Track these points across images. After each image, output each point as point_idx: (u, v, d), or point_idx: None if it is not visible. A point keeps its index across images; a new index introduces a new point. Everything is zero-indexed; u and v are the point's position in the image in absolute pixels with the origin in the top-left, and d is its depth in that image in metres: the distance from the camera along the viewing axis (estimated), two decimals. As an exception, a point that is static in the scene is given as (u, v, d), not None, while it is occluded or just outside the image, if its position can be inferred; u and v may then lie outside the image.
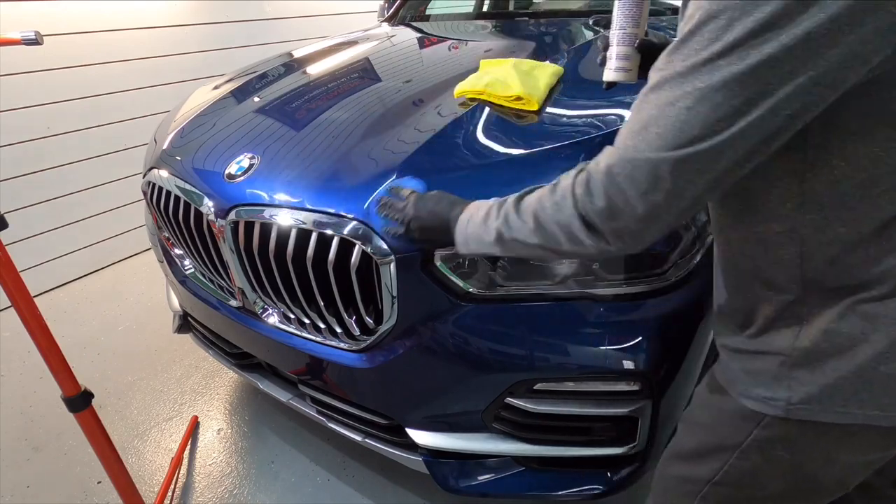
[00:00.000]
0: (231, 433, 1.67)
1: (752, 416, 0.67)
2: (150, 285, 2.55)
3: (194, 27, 2.87)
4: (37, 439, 1.70)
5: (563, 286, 0.95)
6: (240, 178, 1.12)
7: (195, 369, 1.95)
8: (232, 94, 1.56)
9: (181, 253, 1.43)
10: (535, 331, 0.97)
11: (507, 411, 1.04)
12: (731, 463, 0.71)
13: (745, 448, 0.69)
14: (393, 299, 0.98)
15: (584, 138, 1.00)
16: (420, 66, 1.57)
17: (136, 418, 1.75)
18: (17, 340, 2.17)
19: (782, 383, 0.63)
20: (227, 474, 1.53)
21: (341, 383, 1.17)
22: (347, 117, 1.23)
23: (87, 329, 2.25)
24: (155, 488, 1.49)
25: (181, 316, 1.54)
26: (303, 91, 1.45)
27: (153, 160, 1.37)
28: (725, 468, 0.72)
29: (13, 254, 1.05)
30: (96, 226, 2.70)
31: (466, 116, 1.14)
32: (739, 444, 0.69)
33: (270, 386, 1.37)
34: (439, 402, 1.08)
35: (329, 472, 1.51)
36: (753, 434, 0.67)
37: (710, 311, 1.04)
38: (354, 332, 1.08)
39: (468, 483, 1.13)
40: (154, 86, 2.77)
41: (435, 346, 1.01)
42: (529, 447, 1.07)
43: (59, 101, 2.42)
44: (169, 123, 1.53)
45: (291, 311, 1.14)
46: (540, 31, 1.78)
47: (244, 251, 1.11)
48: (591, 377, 0.97)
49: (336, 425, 1.26)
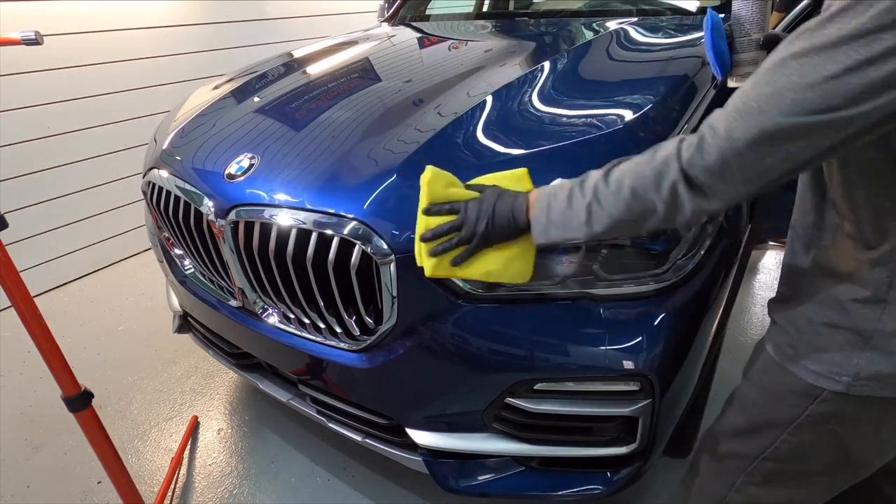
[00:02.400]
0: (231, 433, 1.67)
1: (808, 392, 0.70)
2: (150, 285, 2.55)
3: (194, 27, 2.87)
4: (37, 439, 1.70)
5: (563, 286, 0.95)
6: (240, 178, 1.12)
7: (195, 369, 1.95)
8: (232, 94, 1.56)
9: (181, 253, 1.43)
10: (535, 331, 0.97)
11: (507, 411, 1.04)
12: (782, 438, 0.74)
13: (799, 424, 0.72)
14: (393, 299, 0.98)
15: (585, 138, 1.00)
16: (420, 66, 1.57)
17: (136, 418, 1.75)
18: (17, 340, 2.17)
19: (852, 360, 0.66)
20: (227, 474, 1.53)
21: (341, 383, 1.17)
22: (347, 117, 1.23)
23: (87, 329, 2.25)
24: (155, 488, 1.49)
25: (181, 316, 1.54)
26: (303, 91, 1.45)
27: (153, 160, 1.37)
28: (776, 444, 0.75)
29: (13, 254, 1.05)
30: (96, 226, 2.70)
31: (467, 116, 1.14)
32: (794, 420, 0.72)
33: (270, 386, 1.37)
34: (439, 402, 1.08)
35: (329, 472, 1.51)
36: (809, 410, 0.70)
37: (717, 307, 1.05)
38: (354, 332, 1.08)
39: (468, 483, 1.13)
40: (154, 86, 2.77)
41: (435, 346, 1.01)
42: (529, 447, 1.07)
43: (59, 101, 2.42)
44: (169, 123, 1.53)
45: (291, 311, 1.14)
46: (540, 31, 1.78)
47: (244, 251, 1.11)
48: (591, 377, 0.97)
49: (336, 425, 1.26)
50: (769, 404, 0.76)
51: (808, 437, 0.72)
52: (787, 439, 0.74)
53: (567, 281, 0.95)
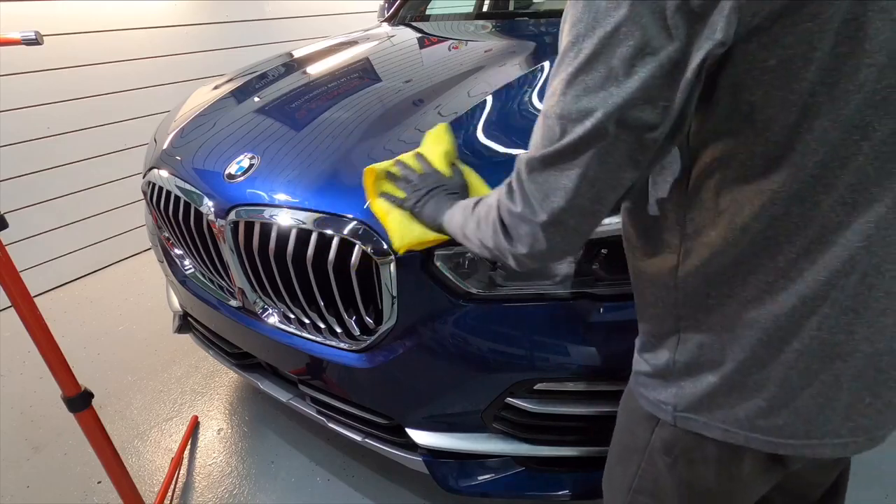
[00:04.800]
0: (231, 433, 1.67)
1: (650, 418, 0.67)
2: (150, 285, 2.55)
3: (194, 27, 2.87)
4: (37, 439, 1.70)
5: (563, 286, 0.95)
6: (240, 178, 1.12)
7: (195, 369, 1.95)
8: (232, 94, 1.56)
9: (181, 253, 1.43)
10: (535, 331, 0.97)
11: (507, 411, 1.04)
12: (642, 467, 0.70)
13: (649, 450, 0.68)
14: (393, 299, 0.98)
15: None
16: (420, 66, 1.57)
17: (136, 418, 1.75)
18: (17, 340, 2.17)
19: (670, 389, 0.62)
20: (227, 474, 1.53)
21: (341, 383, 1.17)
22: (347, 117, 1.23)
23: (87, 329, 2.25)
24: (155, 488, 1.49)
25: (181, 316, 1.54)
26: (303, 91, 1.45)
27: (153, 160, 1.37)
28: (639, 472, 0.71)
29: (13, 254, 1.05)
30: (96, 226, 2.70)
31: (467, 116, 1.14)
32: (645, 446, 0.68)
33: (270, 386, 1.37)
34: (439, 402, 1.08)
35: (329, 472, 1.51)
36: (654, 434, 0.67)
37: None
38: (354, 332, 1.08)
39: (468, 483, 1.13)
40: (154, 86, 2.77)
41: (435, 346, 1.01)
42: (529, 447, 1.07)
43: (59, 101, 2.42)
44: (169, 123, 1.53)
45: (291, 311, 1.14)
46: (540, 31, 1.78)
47: (244, 251, 1.11)
48: (591, 377, 0.97)
49: (336, 425, 1.26)
50: (630, 428, 0.73)
51: (660, 466, 0.67)
52: (646, 468, 0.69)
53: (567, 281, 0.95)
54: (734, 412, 0.57)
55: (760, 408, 0.55)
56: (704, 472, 0.64)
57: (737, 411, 0.57)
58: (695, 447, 0.63)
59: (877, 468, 1.39)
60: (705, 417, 0.60)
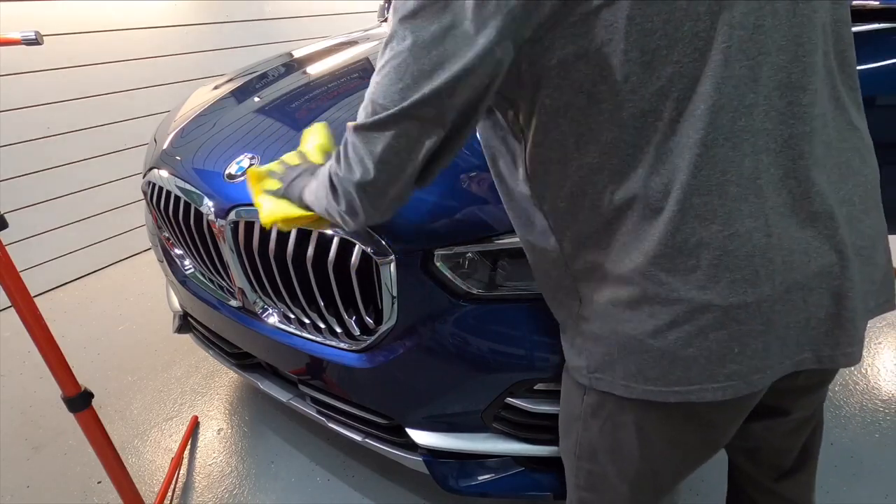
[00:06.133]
0: (231, 433, 1.67)
1: (580, 385, 0.70)
2: (150, 285, 2.55)
3: (194, 27, 2.88)
4: (37, 439, 1.70)
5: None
6: (240, 178, 1.12)
7: (195, 369, 1.95)
8: (232, 94, 1.56)
9: (181, 253, 1.43)
10: (535, 331, 0.97)
11: (507, 411, 1.04)
12: (580, 434, 0.74)
13: (583, 416, 0.72)
14: (393, 299, 0.98)
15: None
16: (420, 66, 1.57)
17: (136, 418, 1.75)
18: (17, 340, 2.17)
19: (582, 354, 0.67)
20: (227, 474, 1.53)
21: (341, 383, 1.17)
22: (347, 117, 1.23)
23: (87, 329, 2.25)
24: (155, 488, 1.49)
25: (181, 316, 1.54)
26: (303, 91, 1.45)
27: (153, 160, 1.37)
28: (578, 440, 0.75)
29: (13, 254, 1.05)
30: (96, 226, 2.70)
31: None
32: (580, 414, 0.72)
33: (270, 386, 1.37)
34: (439, 401, 1.08)
35: (329, 472, 1.51)
36: (584, 401, 0.71)
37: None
38: (354, 332, 1.08)
39: (468, 483, 1.13)
40: (154, 86, 2.77)
41: (435, 346, 1.01)
42: (529, 447, 1.07)
43: (59, 101, 2.43)
44: (169, 123, 1.53)
45: (291, 311, 1.14)
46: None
47: (244, 251, 1.11)
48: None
49: (336, 425, 1.26)
50: (566, 400, 0.77)
51: (594, 431, 0.71)
52: (584, 434, 0.73)
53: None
54: (627, 367, 0.61)
55: (646, 360, 0.60)
56: (626, 433, 0.68)
57: (629, 365, 0.61)
58: (615, 408, 0.67)
59: (877, 468, 1.39)
60: (609, 376, 0.64)
